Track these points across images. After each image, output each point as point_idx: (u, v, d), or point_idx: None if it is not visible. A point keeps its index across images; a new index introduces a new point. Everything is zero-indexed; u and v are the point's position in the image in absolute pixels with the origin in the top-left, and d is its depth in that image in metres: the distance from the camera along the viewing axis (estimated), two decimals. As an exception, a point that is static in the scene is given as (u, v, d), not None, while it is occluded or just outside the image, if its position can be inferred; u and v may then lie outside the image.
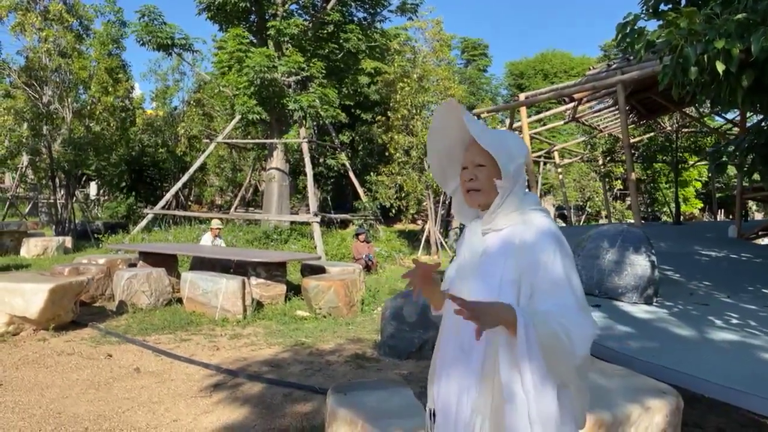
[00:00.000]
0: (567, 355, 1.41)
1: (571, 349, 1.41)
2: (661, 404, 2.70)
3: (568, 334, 1.40)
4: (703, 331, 4.65)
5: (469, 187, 1.66)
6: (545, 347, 1.41)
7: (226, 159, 24.27)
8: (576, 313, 1.44)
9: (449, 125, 1.70)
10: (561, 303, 1.45)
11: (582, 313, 1.45)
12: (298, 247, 13.76)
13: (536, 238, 1.52)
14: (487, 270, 1.57)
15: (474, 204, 1.68)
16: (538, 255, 1.49)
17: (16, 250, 13.32)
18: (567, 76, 38.13)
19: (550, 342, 1.41)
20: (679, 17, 4.94)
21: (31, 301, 5.79)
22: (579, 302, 1.47)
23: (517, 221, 1.58)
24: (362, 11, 17.08)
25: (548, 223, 1.57)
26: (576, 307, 1.45)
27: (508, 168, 1.56)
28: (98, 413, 3.87)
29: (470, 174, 1.66)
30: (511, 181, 1.58)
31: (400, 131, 17.84)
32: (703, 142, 20.97)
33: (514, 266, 1.52)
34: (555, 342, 1.41)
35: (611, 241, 6.04)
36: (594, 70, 10.39)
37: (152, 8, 15.51)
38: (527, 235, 1.54)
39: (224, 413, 3.96)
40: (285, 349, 5.80)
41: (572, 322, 1.42)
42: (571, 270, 1.50)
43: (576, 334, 1.41)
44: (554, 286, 1.47)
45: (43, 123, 16.41)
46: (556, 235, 1.54)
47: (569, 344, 1.40)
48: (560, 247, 1.52)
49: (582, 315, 1.45)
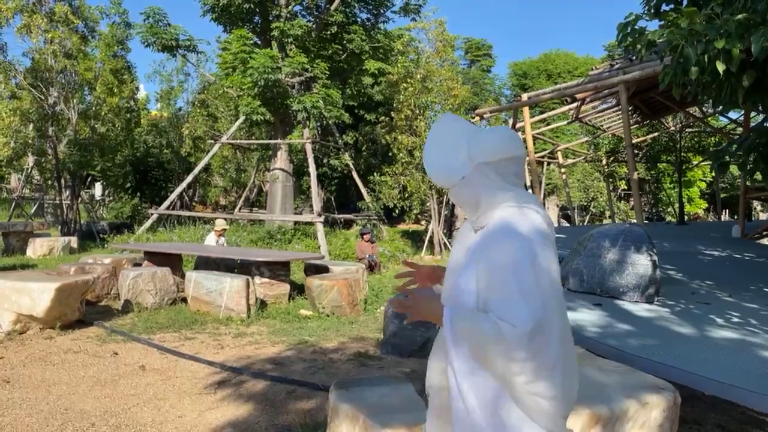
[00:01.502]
0: (496, 348, 1.44)
1: (498, 342, 1.43)
2: (658, 400, 2.73)
3: (501, 335, 1.42)
4: (703, 330, 4.68)
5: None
6: (471, 342, 1.49)
7: (230, 159, 24.36)
8: (512, 306, 1.44)
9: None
10: (502, 300, 1.46)
11: (519, 310, 1.43)
12: (301, 247, 13.81)
13: (490, 233, 1.58)
14: (468, 267, 1.62)
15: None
16: (489, 249, 1.54)
17: (23, 250, 13.42)
18: (571, 76, 38.09)
19: (474, 337, 1.47)
20: (679, 17, 4.97)
21: (38, 300, 5.85)
22: (522, 293, 1.44)
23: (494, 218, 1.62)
24: (366, 12, 17.14)
25: (505, 219, 1.58)
26: (517, 304, 1.44)
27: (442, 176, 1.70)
28: (104, 409, 3.93)
29: None
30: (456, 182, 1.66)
31: (404, 132, 17.87)
32: (707, 142, 20.93)
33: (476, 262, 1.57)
34: (479, 337, 1.46)
35: (613, 241, 6.07)
36: (596, 70, 10.41)
37: (157, 10, 15.59)
38: (487, 231, 1.60)
39: (228, 410, 4.01)
40: (289, 348, 5.85)
41: (507, 315, 1.43)
42: (519, 261, 1.48)
43: (510, 336, 1.41)
44: (500, 279, 1.48)
45: (49, 124, 16.51)
46: (507, 229, 1.55)
47: (502, 347, 1.42)
48: (510, 240, 1.51)
49: (519, 312, 1.43)
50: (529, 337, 1.41)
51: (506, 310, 1.44)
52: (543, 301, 1.45)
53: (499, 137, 1.67)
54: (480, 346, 1.47)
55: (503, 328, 1.42)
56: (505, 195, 1.63)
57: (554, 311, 1.49)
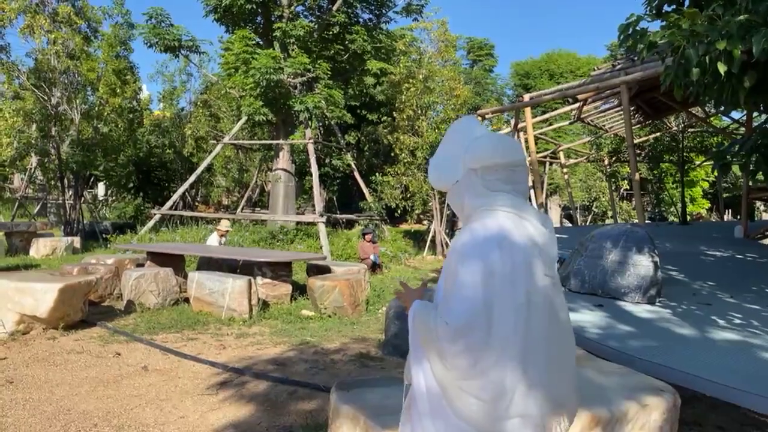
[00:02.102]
0: (432, 341, 1.59)
1: (433, 336, 1.58)
2: (658, 402, 2.74)
3: (435, 331, 1.57)
4: (704, 331, 4.68)
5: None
6: (421, 333, 1.66)
7: (232, 160, 24.38)
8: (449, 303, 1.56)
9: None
10: (444, 297, 1.62)
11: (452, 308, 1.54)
12: (303, 247, 13.83)
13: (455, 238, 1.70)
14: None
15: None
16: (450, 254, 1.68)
17: (26, 250, 13.46)
18: (573, 76, 38.05)
19: (422, 329, 1.66)
20: (681, 18, 4.97)
21: (41, 301, 5.88)
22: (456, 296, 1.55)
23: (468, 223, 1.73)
24: (368, 12, 17.15)
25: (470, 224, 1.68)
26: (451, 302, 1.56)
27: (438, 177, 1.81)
28: (107, 410, 3.95)
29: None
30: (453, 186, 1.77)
31: (406, 132, 17.88)
32: (710, 141, 20.91)
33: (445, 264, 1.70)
34: (425, 329, 1.63)
35: (614, 242, 6.07)
36: (598, 71, 10.40)
37: (159, 10, 15.62)
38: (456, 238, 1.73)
39: (230, 410, 4.03)
40: (290, 348, 5.87)
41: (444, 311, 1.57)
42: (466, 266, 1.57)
43: (440, 332, 1.55)
44: (448, 278, 1.62)
45: (52, 124, 16.55)
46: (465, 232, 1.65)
47: (433, 332, 1.58)
48: (462, 243, 1.63)
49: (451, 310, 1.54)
50: (455, 334, 1.52)
51: (444, 306, 1.57)
52: (483, 302, 1.50)
53: (486, 144, 1.70)
54: (423, 336, 1.64)
55: (438, 323, 1.56)
56: (483, 201, 1.67)
57: (504, 316, 1.51)
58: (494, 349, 1.50)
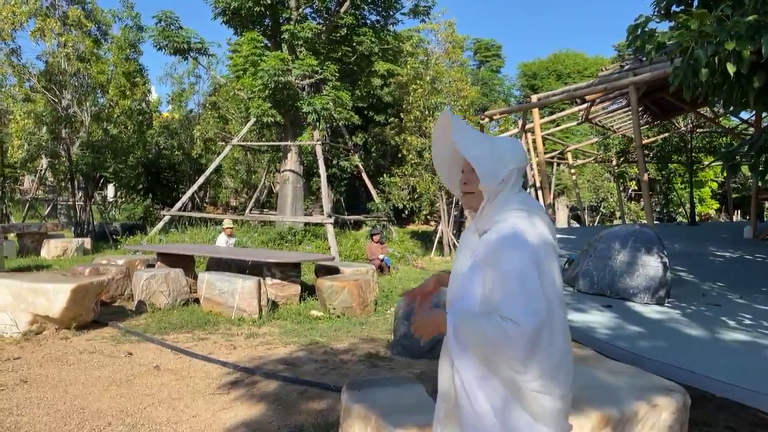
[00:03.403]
0: (500, 347, 1.48)
1: (502, 340, 1.47)
2: (668, 402, 2.76)
3: (505, 335, 1.46)
4: (714, 332, 4.68)
5: (463, 190, 1.78)
6: (475, 344, 1.53)
7: (240, 161, 24.49)
8: (516, 305, 1.47)
9: (445, 134, 1.80)
10: (505, 300, 1.50)
11: (521, 308, 1.47)
12: (312, 248, 13.88)
13: (497, 237, 1.60)
14: (470, 269, 1.67)
15: (468, 206, 1.80)
16: (498, 255, 1.56)
17: (37, 251, 13.59)
18: (581, 76, 37.94)
19: (477, 338, 1.52)
20: (689, 19, 4.98)
21: (54, 301, 5.95)
22: (524, 293, 1.48)
23: (495, 221, 1.65)
24: (375, 14, 17.18)
25: (511, 224, 1.60)
26: (519, 302, 1.48)
27: (490, 173, 1.65)
28: (120, 409, 4.00)
29: (465, 178, 1.78)
30: (498, 184, 1.66)
31: (413, 133, 17.91)
32: (718, 142, 20.82)
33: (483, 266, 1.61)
34: (482, 337, 1.50)
35: (623, 242, 6.08)
36: (606, 71, 10.39)
37: (169, 13, 15.72)
38: (493, 236, 1.61)
39: (242, 410, 4.07)
40: (300, 348, 5.90)
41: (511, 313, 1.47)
42: (524, 262, 1.52)
43: (512, 334, 1.45)
44: (505, 279, 1.52)
45: (62, 126, 16.72)
46: (517, 237, 1.57)
47: (505, 346, 1.47)
48: (519, 243, 1.55)
49: (521, 310, 1.46)
50: (532, 335, 1.46)
51: (510, 308, 1.48)
52: (547, 303, 1.49)
53: (519, 145, 1.76)
54: (484, 347, 1.52)
55: (507, 327, 1.46)
56: (516, 198, 1.68)
57: (558, 314, 1.53)
58: (560, 343, 1.51)
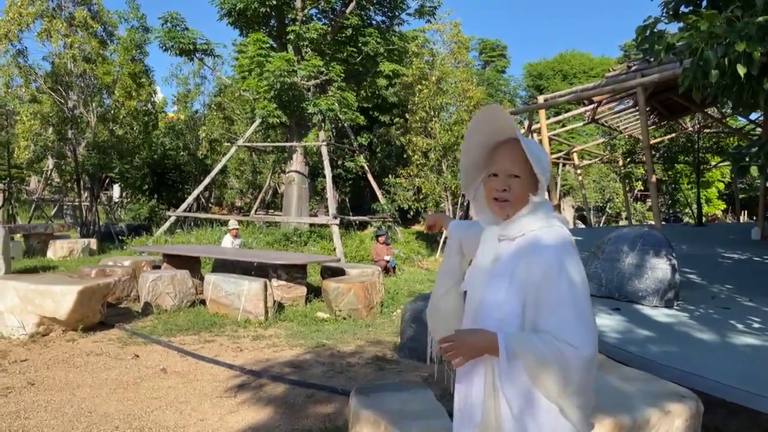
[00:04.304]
0: (554, 369, 1.42)
1: (563, 374, 1.42)
2: (680, 408, 2.72)
3: (563, 358, 1.40)
4: (724, 335, 4.64)
5: (502, 197, 1.62)
6: (528, 362, 1.45)
7: (246, 162, 24.53)
8: (574, 334, 1.42)
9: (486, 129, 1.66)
10: (561, 321, 1.43)
11: (580, 333, 1.42)
12: (317, 249, 13.87)
13: (546, 248, 1.51)
14: (498, 278, 1.58)
15: (503, 214, 1.65)
16: (547, 268, 1.48)
17: (43, 251, 13.63)
18: (586, 76, 37.82)
19: (532, 358, 1.44)
20: (699, 20, 4.94)
21: (61, 303, 5.95)
22: (580, 319, 1.44)
23: (532, 230, 1.57)
24: (381, 14, 17.18)
25: (559, 234, 1.54)
26: (576, 328, 1.42)
27: (546, 181, 1.59)
28: (128, 412, 3.99)
29: (503, 184, 1.62)
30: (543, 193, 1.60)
31: (419, 133, 17.89)
32: (726, 142, 20.70)
33: (524, 276, 1.51)
34: (538, 358, 1.43)
35: (631, 245, 6.03)
36: (614, 72, 10.34)
37: (175, 14, 15.75)
38: (538, 245, 1.52)
39: (249, 413, 4.06)
40: (306, 351, 5.89)
41: (567, 336, 1.41)
42: (576, 284, 1.47)
43: (571, 358, 1.40)
44: (558, 302, 1.45)
45: (69, 127, 16.77)
46: (566, 246, 1.52)
47: (561, 369, 1.41)
48: (570, 261, 1.49)
49: (580, 335, 1.41)
50: (590, 361, 1.42)
51: (566, 331, 1.42)
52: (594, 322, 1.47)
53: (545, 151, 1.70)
54: (537, 367, 1.44)
55: (564, 350, 1.41)
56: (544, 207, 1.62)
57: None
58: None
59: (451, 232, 2.02)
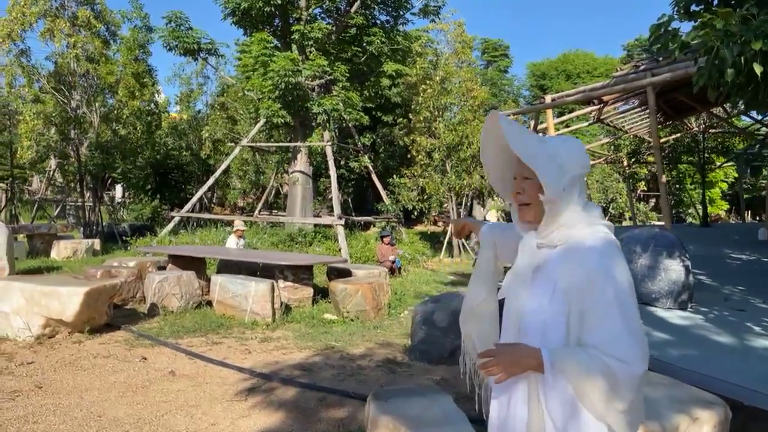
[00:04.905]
0: (602, 385, 1.35)
1: (612, 392, 1.35)
2: (709, 415, 2.66)
3: (612, 375, 1.34)
4: (742, 338, 4.57)
5: (519, 201, 1.60)
6: (574, 377, 1.38)
7: (249, 162, 24.48)
8: (624, 349, 1.35)
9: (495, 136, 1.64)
10: (610, 335, 1.37)
11: (630, 348, 1.35)
12: (322, 250, 13.81)
13: (590, 253, 1.44)
14: (540, 286, 1.52)
15: (525, 218, 1.61)
16: (592, 276, 1.41)
17: (47, 252, 13.56)
18: (590, 76, 37.77)
19: (584, 386, 1.37)
20: (714, 18, 4.87)
21: (67, 304, 5.89)
22: (630, 332, 1.37)
23: (575, 237, 1.49)
24: (385, 14, 17.11)
25: (606, 241, 1.46)
26: (626, 342, 1.35)
27: (554, 182, 1.48)
28: (138, 416, 3.93)
29: (518, 187, 1.60)
30: (561, 194, 1.48)
31: (422, 133, 17.82)
32: (731, 142, 20.63)
33: (567, 283, 1.44)
34: (590, 386, 1.36)
35: (644, 246, 5.97)
36: (621, 72, 10.25)
37: (179, 14, 15.70)
38: (581, 250, 1.45)
39: (261, 417, 3.99)
40: (315, 353, 5.82)
41: (617, 352, 1.35)
42: (624, 293, 1.40)
43: (621, 375, 1.34)
44: (605, 313, 1.38)
45: (71, 127, 16.70)
46: (612, 254, 1.44)
47: (611, 387, 1.35)
48: (616, 268, 1.42)
49: (630, 350, 1.35)
50: (641, 377, 1.36)
51: (616, 346, 1.36)
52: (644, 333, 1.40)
53: (580, 148, 1.56)
54: (584, 384, 1.38)
55: (613, 366, 1.34)
56: (591, 212, 1.54)
57: None
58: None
59: (484, 236, 1.93)
